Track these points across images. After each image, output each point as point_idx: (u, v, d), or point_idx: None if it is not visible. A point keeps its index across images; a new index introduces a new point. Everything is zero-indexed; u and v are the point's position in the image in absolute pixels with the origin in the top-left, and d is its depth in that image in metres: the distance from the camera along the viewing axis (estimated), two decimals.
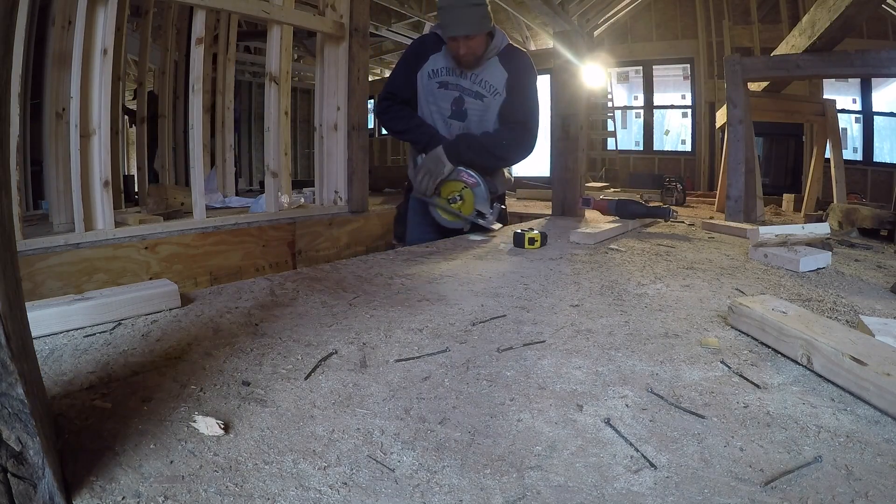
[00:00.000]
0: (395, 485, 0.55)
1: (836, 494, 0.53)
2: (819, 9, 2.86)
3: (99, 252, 1.97)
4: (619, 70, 8.17)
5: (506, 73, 2.02)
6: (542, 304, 1.20)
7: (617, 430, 0.66)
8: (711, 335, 1.01)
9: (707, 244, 2.12)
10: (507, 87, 2.04)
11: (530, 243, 1.88)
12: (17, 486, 0.46)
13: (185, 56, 4.16)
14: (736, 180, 3.07)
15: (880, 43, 5.90)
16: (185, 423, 0.65)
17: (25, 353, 0.52)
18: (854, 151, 6.68)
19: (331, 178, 2.90)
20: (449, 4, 1.87)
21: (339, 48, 2.80)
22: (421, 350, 0.92)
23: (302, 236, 2.69)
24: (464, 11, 1.85)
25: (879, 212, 2.56)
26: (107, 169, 2.04)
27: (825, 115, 3.88)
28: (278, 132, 2.74)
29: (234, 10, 2.40)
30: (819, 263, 1.67)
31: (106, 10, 1.99)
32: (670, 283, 1.43)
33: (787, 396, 0.75)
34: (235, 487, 0.54)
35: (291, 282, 1.37)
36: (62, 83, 2.26)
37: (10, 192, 0.56)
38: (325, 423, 0.67)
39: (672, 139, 8.12)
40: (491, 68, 2.03)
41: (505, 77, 2.03)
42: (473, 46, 1.92)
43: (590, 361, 0.88)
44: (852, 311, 1.19)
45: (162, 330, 0.99)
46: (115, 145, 2.79)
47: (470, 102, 2.06)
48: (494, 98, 2.04)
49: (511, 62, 2.03)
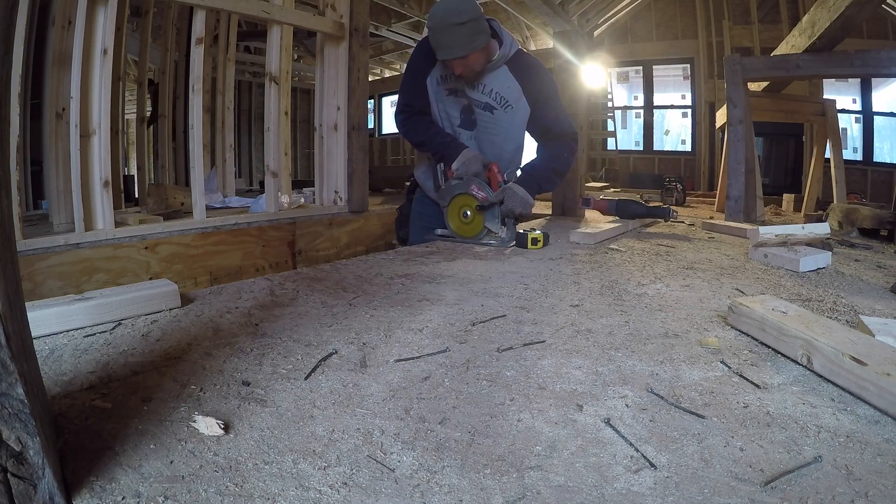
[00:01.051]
0: (395, 485, 0.55)
1: (836, 494, 0.53)
2: (819, 9, 2.86)
3: (99, 252, 1.97)
4: (619, 70, 8.16)
5: (518, 84, 1.92)
6: (542, 304, 1.20)
7: (617, 430, 0.66)
8: (711, 335, 1.01)
9: (707, 244, 2.12)
10: (530, 99, 1.93)
11: (533, 243, 1.88)
12: (18, 485, 0.46)
13: (186, 56, 4.16)
14: (736, 180, 3.07)
15: (880, 43, 5.90)
16: (185, 423, 0.65)
17: (25, 353, 0.52)
18: (854, 151, 6.67)
19: (331, 178, 2.90)
20: (435, 26, 1.76)
21: (339, 48, 2.80)
22: (421, 350, 0.92)
23: (302, 236, 2.69)
24: (451, 33, 1.73)
25: (879, 212, 2.56)
26: (107, 169, 2.04)
27: (825, 115, 3.89)
28: (278, 132, 2.74)
29: (234, 10, 2.40)
30: (819, 263, 1.67)
31: (106, 10, 1.99)
32: (670, 283, 1.43)
33: (787, 396, 0.75)
34: (235, 487, 0.54)
35: (291, 282, 1.37)
36: (62, 83, 2.26)
37: (10, 192, 0.56)
38: (325, 423, 0.67)
39: (672, 139, 8.12)
40: (500, 78, 1.92)
41: (518, 88, 1.92)
42: (470, 64, 1.82)
43: (590, 361, 0.88)
44: (852, 311, 1.19)
45: (162, 330, 0.99)
46: (115, 145, 2.79)
47: (479, 113, 1.98)
48: (506, 111, 1.95)
49: (522, 71, 1.92)
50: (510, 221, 1.95)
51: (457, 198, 1.99)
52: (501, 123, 1.98)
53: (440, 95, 2.01)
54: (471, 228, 2.00)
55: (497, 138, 2.01)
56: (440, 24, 1.74)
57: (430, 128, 2.03)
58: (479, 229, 1.98)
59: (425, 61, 1.97)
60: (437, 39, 1.77)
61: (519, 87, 1.93)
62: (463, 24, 1.71)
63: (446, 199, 2.01)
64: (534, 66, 1.96)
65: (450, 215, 2.03)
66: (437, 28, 1.75)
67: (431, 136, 2.01)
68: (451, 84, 1.96)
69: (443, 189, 2.00)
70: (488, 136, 2.01)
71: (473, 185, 1.93)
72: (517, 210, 1.89)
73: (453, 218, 2.02)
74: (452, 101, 2.00)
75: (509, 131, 2.01)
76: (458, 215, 2.01)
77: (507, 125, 1.99)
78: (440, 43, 1.77)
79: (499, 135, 2.00)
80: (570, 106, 3.10)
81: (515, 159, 2.08)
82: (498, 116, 1.96)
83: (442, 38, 1.75)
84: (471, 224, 1.99)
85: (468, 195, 1.95)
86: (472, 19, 1.73)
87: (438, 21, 1.74)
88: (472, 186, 1.93)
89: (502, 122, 1.98)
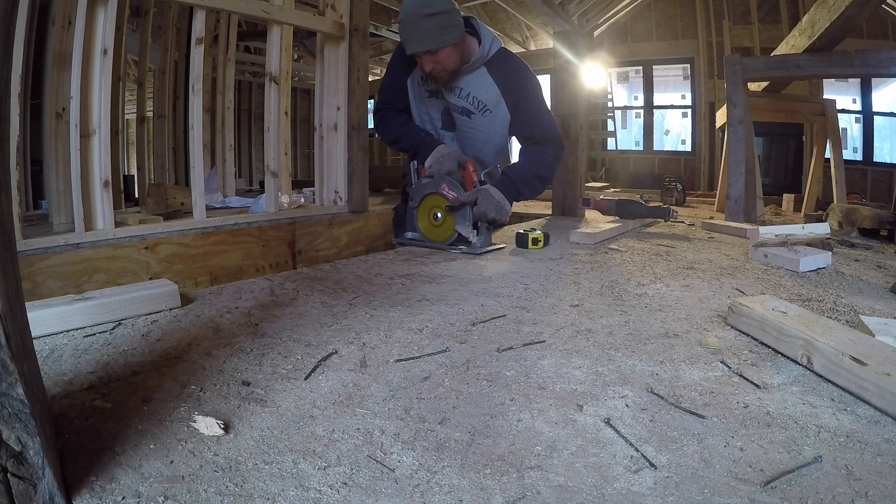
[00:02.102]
0: (395, 485, 0.55)
1: (836, 494, 0.53)
2: (819, 9, 2.86)
3: (99, 252, 1.97)
4: (619, 70, 8.17)
5: (496, 86, 1.82)
6: (542, 304, 1.20)
7: (617, 430, 0.66)
8: (711, 335, 1.01)
9: (707, 244, 2.12)
10: (510, 104, 1.84)
11: (534, 244, 1.88)
12: (18, 485, 0.46)
13: (186, 56, 4.16)
14: (736, 180, 3.07)
15: (880, 43, 5.90)
16: (185, 423, 0.65)
17: (26, 352, 0.52)
18: (854, 151, 6.68)
19: (331, 178, 2.90)
20: (404, 18, 1.67)
21: (339, 48, 2.80)
22: (421, 350, 0.92)
23: (302, 236, 2.69)
24: (420, 24, 1.63)
25: (879, 212, 2.56)
26: (107, 169, 2.04)
27: (825, 115, 3.89)
28: (278, 132, 2.74)
29: (233, 10, 2.39)
30: (819, 263, 1.67)
31: (106, 10, 1.99)
32: (670, 283, 1.43)
33: (787, 396, 0.75)
34: (235, 487, 0.54)
35: (291, 282, 1.37)
36: (62, 83, 2.26)
37: (10, 192, 0.56)
38: (325, 423, 0.67)
39: (672, 139, 8.12)
40: (478, 80, 1.82)
41: (496, 91, 1.82)
42: (441, 61, 1.70)
43: (590, 361, 0.88)
44: (852, 311, 1.19)
45: (162, 330, 0.98)
46: (116, 145, 2.79)
47: (458, 118, 1.90)
48: (484, 115, 1.85)
49: (501, 73, 1.82)
50: (483, 226, 1.79)
51: (427, 197, 1.85)
52: (480, 128, 1.89)
53: (422, 97, 1.94)
54: (440, 232, 1.85)
55: (477, 142, 1.94)
56: (409, 16, 1.65)
57: (405, 125, 1.96)
58: (448, 233, 1.83)
59: (406, 62, 1.90)
60: (406, 31, 1.68)
61: (498, 90, 1.83)
62: (433, 16, 1.62)
63: (416, 200, 1.87)
64: (516, 67, 1.85)
65: (419, 216, 1.88)
66: (406, 20, 1.67)
67: (405, 133, 1.93)
68: (433, 86, 1.89)
69: (413, 188, 1.88)
70: (469, 141, 1.94)
71: (444, 183, 1.78)
72: (490, 214, 1.74)
73: (423, 219, 1.88)
74: (434, 102, 1.93)
75: (489, 136, 1.92)
76: (428, 217, 1.86)
77: (487, 130, 1.90)
78: (408, 35, 1.67)
79: (478, 139, 1.93)
80: (571, 106, 3.10)
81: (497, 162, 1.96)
82: (476, 121, 1.88)
83: (410, 29, 1.66)
84: (441, 227, 1.85)
85: (438, 195, 1.81)
86: (443, 12, 1.63)
87: (408, 12, 1.66)
88: (442, 185, 1.78)
89: (481, 127, 1.89)
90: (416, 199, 1.88)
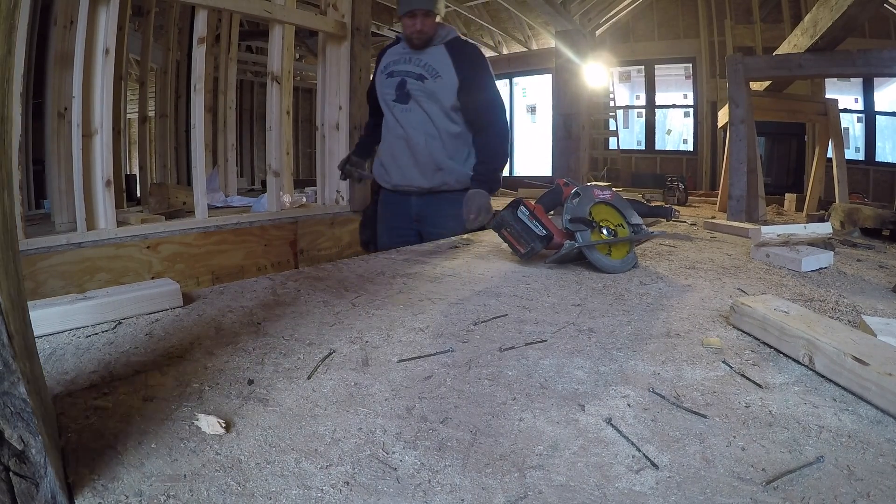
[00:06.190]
0: (396, 484, 0.55)
1: (837, 494, 0.53)
2: (821, 8, 2.86)
3: (101, 251, 1.97)
4: (620, 69, 8.15)
5: (450, 59, 2.06)
6: (543, 303, 1.20)
7: (619, 430, 0.66)
8: (713, 335, 1.01)
9: (709, 244, 2.12)
10: (459, 74, 2.05)
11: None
12: (20, 484, 0.46)
13: (187, 55, 4.16)
14: (738, 180, 3.07)
15: (882, 42, 5.89)
16: (188, 422, 0.65)
17: (28, 352, 0.52)
18: (856, 151, 6.66)
19: (332, 177, 2.91)
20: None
21: (340, 47, 2.80)
22: (423, 349, 0.92)
23: (304, 235, 2.69)
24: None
25: (881, 211, 2.56)
26: (109, 168, 2.05)
27: (827, 115, 3.88)
28: (280, 131, 2.74)
29: (235, 9, 2.40)
30: (821, 263, 1.67)
31: (108, 10, 2.00)
32: (672, 282, 1.43)
33: (788, 396, 0.75)
34: (237, 486, 0.54)
35: (293, 281, 1.37)
36: (64, 83, 2.26)
37: (13, 192, 0.56)
38: (327, 423, 0.67)
39: (674, 139, 8.11)
40: (435, 54, 2.09)
41: (450, 62, 2.06)
42: (429, 24, 2.00)
43: (591, 361, 0.88)
44: (854, 311, 1.19)
45: (164, 329, 0.99)
46: (117, 145, 2.80)
47: (411, 84, 2.09)
48: (435, 81, 2.07)
49: (456, 50, 2.08)
50: None
51: (597, 217, 1.63)
52: (430, 90, 2.09)
53: (382, 81, 2.16)
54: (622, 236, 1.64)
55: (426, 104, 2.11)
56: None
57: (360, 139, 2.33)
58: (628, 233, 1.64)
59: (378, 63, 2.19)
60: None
61: (451, 62, 2.07)
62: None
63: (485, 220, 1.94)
64: (470, 50, 2.12)
65: (597, 244, 1.59)
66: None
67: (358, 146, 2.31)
68: (391, 68, 2.14)
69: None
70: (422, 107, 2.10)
71: (594, 189, 1.66)
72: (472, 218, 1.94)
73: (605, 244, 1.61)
74: (389, 81, 2.13)
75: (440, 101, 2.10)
76: (608, 239, 1.61)
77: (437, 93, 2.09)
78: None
79: (427, 101, 2.10)
80: (572, 105, 3.10)
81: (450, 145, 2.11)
82: (427, 85, 2.09)
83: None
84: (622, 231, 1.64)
85: (601, 204, 1.64)
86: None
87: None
88: (593, 191, 1.65)
89: (430, 90, 2.09)
90: None
